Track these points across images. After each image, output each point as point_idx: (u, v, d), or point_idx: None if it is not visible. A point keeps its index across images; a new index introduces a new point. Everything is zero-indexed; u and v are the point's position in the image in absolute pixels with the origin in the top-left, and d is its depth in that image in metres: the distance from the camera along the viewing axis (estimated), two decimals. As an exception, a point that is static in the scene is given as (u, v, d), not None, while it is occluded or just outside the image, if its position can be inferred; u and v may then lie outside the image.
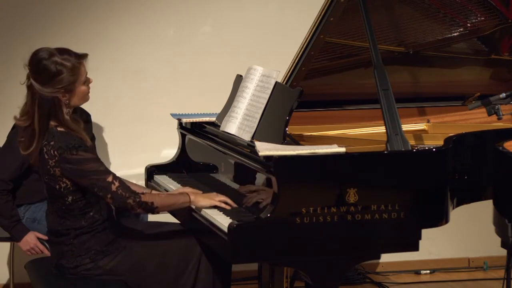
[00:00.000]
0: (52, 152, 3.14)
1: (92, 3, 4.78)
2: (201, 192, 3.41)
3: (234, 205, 3.29)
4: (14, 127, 4.09)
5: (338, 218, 3.02)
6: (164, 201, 3.26)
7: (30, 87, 3.18)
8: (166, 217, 3.76)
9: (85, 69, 3.25)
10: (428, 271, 5.22)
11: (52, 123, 3.18)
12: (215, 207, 3.29)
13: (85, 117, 4.31)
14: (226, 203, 3.28)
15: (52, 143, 3.14)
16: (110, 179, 3.15)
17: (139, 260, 3.29)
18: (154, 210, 3.23)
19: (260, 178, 3.18)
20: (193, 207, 3.34)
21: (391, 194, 3.10)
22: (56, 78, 3.14)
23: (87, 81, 3.26)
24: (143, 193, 3.22)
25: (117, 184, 3.16)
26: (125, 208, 3.21)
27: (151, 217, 4.33)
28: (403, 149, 3.21)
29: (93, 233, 3.26)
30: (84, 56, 3.24)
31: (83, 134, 3.20)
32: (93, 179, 3.13)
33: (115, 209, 3.50)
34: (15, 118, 3.25)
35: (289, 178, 3.00)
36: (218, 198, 3.29)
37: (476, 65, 4.29)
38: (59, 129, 3.18)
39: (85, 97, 3.29)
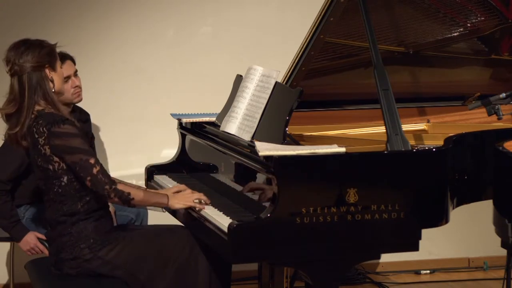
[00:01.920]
0: (41, 129, 3.22)
1: (92, 3, 4.78)
2: (186, 190, 3.44)
3: (208, 202, 3.33)
4: None
5: (338, 218, 3.02)
6: (141, 195, 3.29)
7: (15, 73, 3.30)
8: (166, 217, 3.76)
9: (59, 59, 3.42)
10: (428, 271, 5.23)
11: (39, 105, 3.28)
12: (214, 206, 3.30)
13: (84, 117, 4.31)
14: (200, 202, 3.33)
15: (40, 121, 3.23)
16: (92, 161, 3.21)
17: (138, 253, 3.30)
18: (130, 201, 3.26)
19: (260, 178, 3.18)
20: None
21: (391, 194, 3.10)
22: (39, 51, 3.31)
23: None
24: (119, 182, 3.29)
25: (98, 168, 3.22)
26: (102, 194, 3.23)
27: (151, 219, 4.34)
28: (403, 149, 3.21)
29: (90, 220, 3.28)
30: (54, 45, 3.41)
31: (69, 116, 3.33)
32: (77, 157, 3.20)
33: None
34: (0, 109, 3.35)
35: (289, 178, 3.00)
36: (193, 198, 3.33)
37: (476, 65, 4.29)
38: (46, 110, 3.27)
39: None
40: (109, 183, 3.22)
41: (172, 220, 3.65)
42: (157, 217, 4.28)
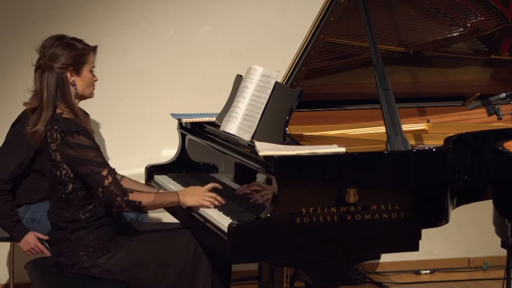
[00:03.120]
0: (55, 135, 3.20)
1: (92, 3, 4.78)
2: (196, 187, 3.42)
3: (223, 202, 3.31)
4: (12, 126, 4.09)
5: (338, 218, 3.02)
6: (151, 200, 3.28)
7: (38, 68, 3.27)
8: (166, 217, 3.76)
9: (94, 60, 3.37)
10: (428, 271, 5.22)
11: (59, 108, 3.25)
12: (214, 206, 3.30)
13: (84, 117, 4.31)
14: (214, 202, 3.30)
15: (55, 127, 3.21)
16: (105, 173, 3.19)
17: (138, 259, 3.30)
18: (142, 209, 3.26)
19: (260, 178, 3.18)
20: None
21: (391, 194, 3.10)
22: (67, 53, 3.27)
23: (93, 73, 3.38)
24: (131, 192, 3.24)
25: (110, 179, 3.20)
26: (113, 205, 3.22)
27: (152, 217, 4.34)
28: (403, 149, 3.21)
29: (90, 229, 3.27)
30: (94, 47, 3.38)
31: (87, 124, 3.29)
32: (89, 169, 3.18)
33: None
34: (24, 103, 3.33)
35: (289, 178, 3.00)
36: (206, 198, 3.30)
37: (476, 65, 4.29)
38: (64, 115, 3.24)
39: (91, 86, 3.37)
40: (121, 195, 3.20)
41: (172, 220, 3.66)
42: (157, 216, 4.28)
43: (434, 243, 5.10)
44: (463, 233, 5.22)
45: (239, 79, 3.68)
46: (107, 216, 3.34)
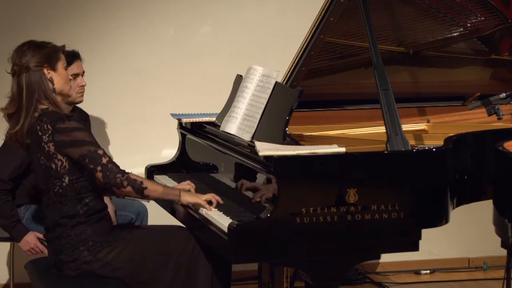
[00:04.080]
0: (45, 126, 3.22)
1: (92, 3, 4.78)
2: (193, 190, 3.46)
3: (221, 202, 3.32)
4: None
5: (338, 218, 3.02)
6: (154, 185, 3.30)
7: (14, 73, 3.33)
8: (166, 217, 3.76)
9: (65, 58, 3.42)
10: (428, 271, 5.22)
11: (43, 105, 3.29)
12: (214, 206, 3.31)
13: (84, 117, 4.31)
14: (211, 202, 3.30)
15: (44, 119, 3.24)
16: (101, 152, 3.22)
17: (138, 254, 3.30)
18: (144, 190, 3.23)
19: (260, 178, 3.18)
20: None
21: (391, 194, 3.10)
22: (38, 52, 3.33)
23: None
24: (131, 172, 3.26)
25: (107, 158, 3.22)
26: (114, 183, 3.20)
27: (151, 219, 4.34)
28: (403, 149, 3.21)
29: (89, 223, 3.28)
30: (62, 46, 3.43)
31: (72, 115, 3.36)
32: (84, 149, 3.20)
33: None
34: (1, 109, 3.36)
35: (289, 178, 3.00)
36: (205, 196, 3.32)
37: (476, 65, 4.29)
38: (50, 109, 3.29)
39: (68, 83, 3.42)
40: (121, 171, 3.22)
41: (172, 220, 3.65)
42: (157, 217, 4.28)
43: (434, 243, 5.10)
44: (463, 233, 5.22)
45: (239, 79, 3.68)
46: (104, 209, 3.35)
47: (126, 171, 3.25)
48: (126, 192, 3.22)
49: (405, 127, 3.58)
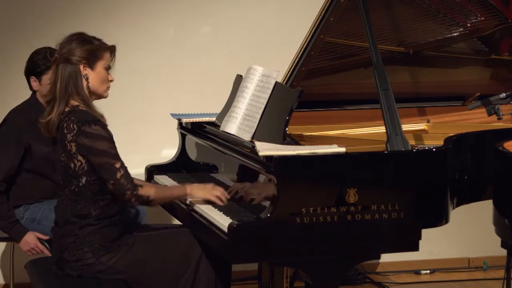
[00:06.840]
0: (71, 125, 3.22)
1: (93, 3, 4.78)
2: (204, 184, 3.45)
3: (229, 198, 3.33)
4: (1, 124, 4.07)
5: (338, 218, 3.02)
6: (160, 194, 3.34)
7: (55, 61, 3.32)
8: (167, 217, 3.76)
9: (110, 59, 3.42)
10: (428, 271, 5.22)
11: (75, 101, 3.29)
12: (214, 206, 3.30)
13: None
14: (221, 199, 3.32)
15: (72, 118, 3.24)
16: (118, 165, 3.23)
17: (140, 258, 3.30)
18: (150, 203, 3.30)
19: (260, 178, 3.18)
20: (189, 201, 3.38)
21: (391, 194, 3.10)
22: (82, 47, 3.31)
23: (109, 71, 3.42)
24: (141, 186, 3.28)
25: (122, 172, 3.23)
26: (122, 198, 3.24)
27: (150, 219, 4.33)
28: (403, 149, 3.21)
29: (98, 226, 3.27)
30: (111, 46, 3.43)
31: (101, 115, 3.35)
32: (103, 160, 3.21)
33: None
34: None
35: (289, 178, 3.00)
36: (214, 193, 3.32)
37: (476, 65, 4.29)
38: (80, 107, 3.29)
39: (104, 84, 3.39)
40: (131, 188, 3.23)
41: (172, 220, 3.66)
42: (157, 217, 4.28)
43: (434, 243, 5.10)
44: (463, 233, 5.22)
45: (239, 79, 3.68)
46: (116, 215, 3.35)
47: (138, 184, 3.27)
48: (133, 204, 3.30)
49: (405, 127, 3.58)
